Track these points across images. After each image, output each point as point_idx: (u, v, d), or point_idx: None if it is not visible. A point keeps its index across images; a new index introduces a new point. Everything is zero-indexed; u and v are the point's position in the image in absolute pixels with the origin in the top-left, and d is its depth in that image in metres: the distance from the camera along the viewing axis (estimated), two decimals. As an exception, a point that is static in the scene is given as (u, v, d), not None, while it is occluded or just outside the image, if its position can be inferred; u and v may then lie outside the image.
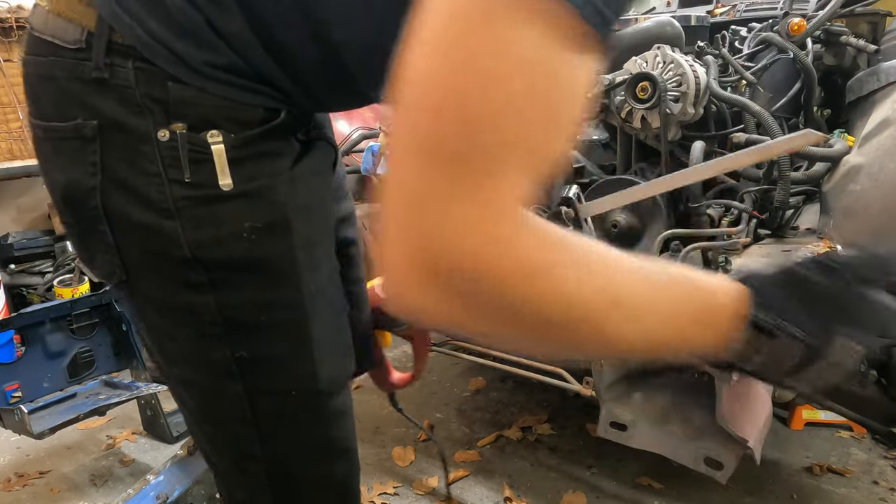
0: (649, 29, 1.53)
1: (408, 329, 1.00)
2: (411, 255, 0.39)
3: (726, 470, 0.80)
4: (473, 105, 0.38)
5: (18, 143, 3.15)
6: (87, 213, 0.60)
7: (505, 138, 0.38)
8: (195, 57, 0.55)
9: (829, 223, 1.29)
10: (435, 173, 0.39)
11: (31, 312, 1.99)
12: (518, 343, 0.48)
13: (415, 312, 0.42)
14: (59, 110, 0.58)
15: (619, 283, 0.43)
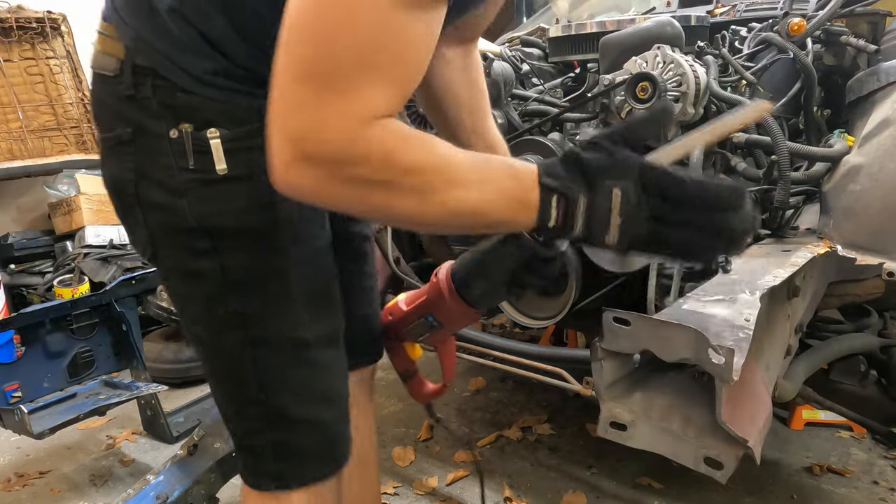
0: (649, 29, 1.53)
1: (431, 338, 1.00)
2: (291, 147, 0.58)
3: (726, 470, 0.80)
4: (332, 38, 0.56)
5: (18, 143, 3.15)
6: (127, 200, 0.78)
7: (355, 62, 0.56)
8: (196, 67, 0.72)
9: (829, 223, 1.29)
10: (305, 88, 0.57)
11: (31, 312, 1.99)
12: (377, 209, 0.63)
13: (294, 188, 0.60)
14: (108, 124, 0.77)
15: (451, 160, 0.63)
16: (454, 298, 0.90)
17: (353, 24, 0.56)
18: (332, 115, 0.57)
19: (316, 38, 0.57)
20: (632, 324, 0.76)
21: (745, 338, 0.78)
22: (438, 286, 0.91)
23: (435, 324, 0.95)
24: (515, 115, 1.73)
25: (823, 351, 1.52)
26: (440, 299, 0.91)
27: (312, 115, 0.57)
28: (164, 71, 0.72)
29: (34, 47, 3.19)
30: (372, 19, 0.56)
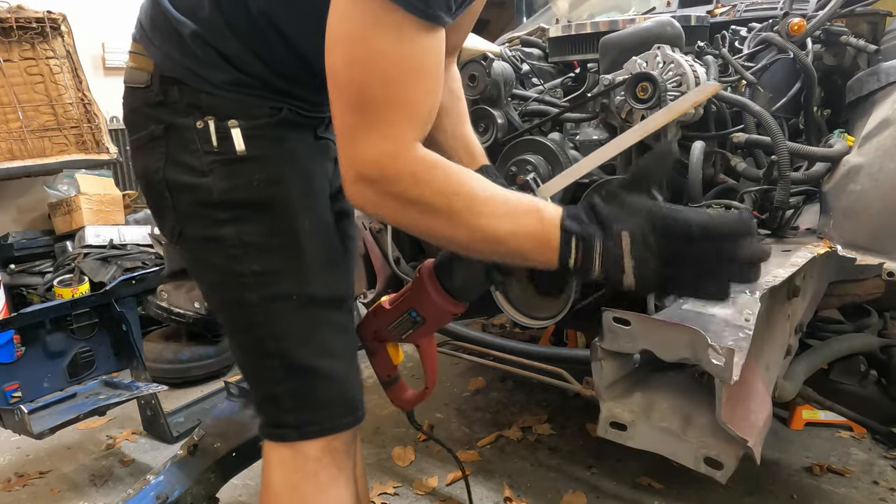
0: (649, 29, 1.53)
1: (414, 335, 1.00)
2: (350, 168, 0.73)
3: (726, 470, 0.80)
4: (361, 81, 0.70)
5: (18, 143, 3.15)
6: (157, 186, 0.91)
7: (391, 99, 0.70)
8: (215, 78, 0.87)
9: (829, 223, 1.29)
10: (352, 119, 0.72)
11: (31, 312, 1.99)
12: (418, 224, 0.76)
13: (357, 202, 0.75)
14: (140, 125, 0.91)
15: (478, 191, 0.74)
16: (436, 290, 0.92)
17: (378, 69, 0.69)
18: (372, 142, 0.71)
19: (351, 80, 0.71)
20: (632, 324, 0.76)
21: (745, 338, 0.78)
22: (421, 279, 0.93)
23: (418, 319, 0.96)
24: (515, 115, 1.73)
25: (823, 351, 1.52)
26: (423, 292, 0.93)
27: (359, 143, 0.72)
28: (189, 80, 0.87)
29: (34, 47, 3.19)
30: (391, 62, 0.70)
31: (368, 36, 0.69)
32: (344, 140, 0.73)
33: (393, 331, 1.00)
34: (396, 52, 0.69)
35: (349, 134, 0.72)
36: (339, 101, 0.73)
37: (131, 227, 3.42)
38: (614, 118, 1.52)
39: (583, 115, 1.67)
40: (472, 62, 1.66)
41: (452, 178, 0.75)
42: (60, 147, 3.29)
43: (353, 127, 0.72)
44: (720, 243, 0.70)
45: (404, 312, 0.97)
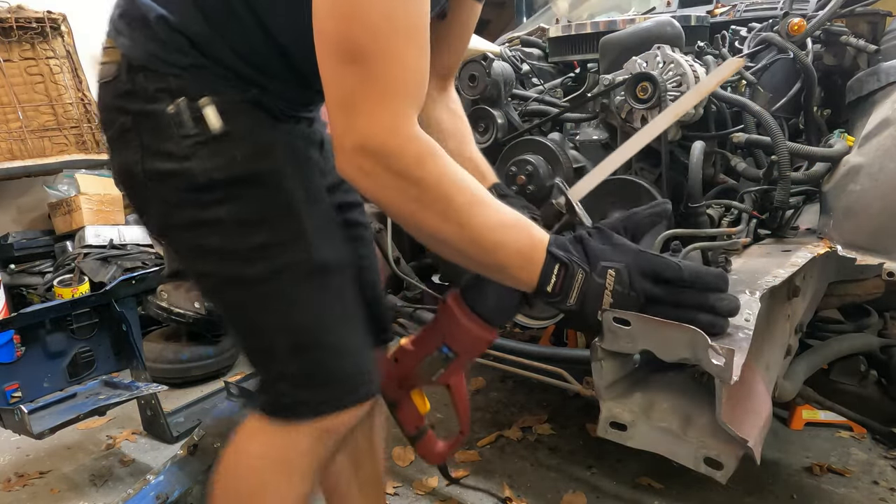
0: (649, 29, 1.53)
1: (446, 374, 0.91)
2: (349, 139, 0.69)
3: (726, 470, 0.80)
4: (358, 34, 0.67)
5: (18, 143, 3.15)
6: (138, 180, 0.86)
7: (384, 53, 0.67)
8: (182, 62, 0.82)
9: (829, 223, 1.29)
10: (351, 78, 0.68)
11: (31, 312, 1.99)
12: (408, 209, 0.73)
13: (350, 175, 0.71)
14: (111, 120, 0.87)
15: (481, 194, 0.73)
16: (469, 317, 0.85)
17: (369, 22, 0.66)
18: (373, 111, 0.68)
19: (341, 34, 0.68)
20: (632, 324, 0.76)
21: (745, 338, 0.78)
22: (449, 309, 0.86)
23: (450, 354, 0.88)
24: (515, 115, 1.73)
25: (823, 351, 1.52)
26: (453, 323, 0.86)
27: (359, 110, 0.68)
28: (155, 65, 0.82)
29: (34, 47, 3.19)
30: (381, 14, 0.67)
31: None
32: (339, 108, 0.70)
33: (421, 374, 0.92)
34: (386, 5, 0.66)
35: (346, 100, 0.69)
36: (331, 62, 0.69)
37: (131, 227, 3.42)
38: (614, 118, 1.52)
39: (583, 115, 1.67)
40: (472, 62, 1.66)
41: (456, 170, 0.73)
42: (60, 147, 3.29)
43: (350, 92, 0.68)
44: (704, 293, 0.76)
45: (434, 350, 0.89)
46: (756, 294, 0.92)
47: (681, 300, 0.76)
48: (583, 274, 0.75)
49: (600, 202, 1.51)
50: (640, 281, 0.75)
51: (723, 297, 0.76)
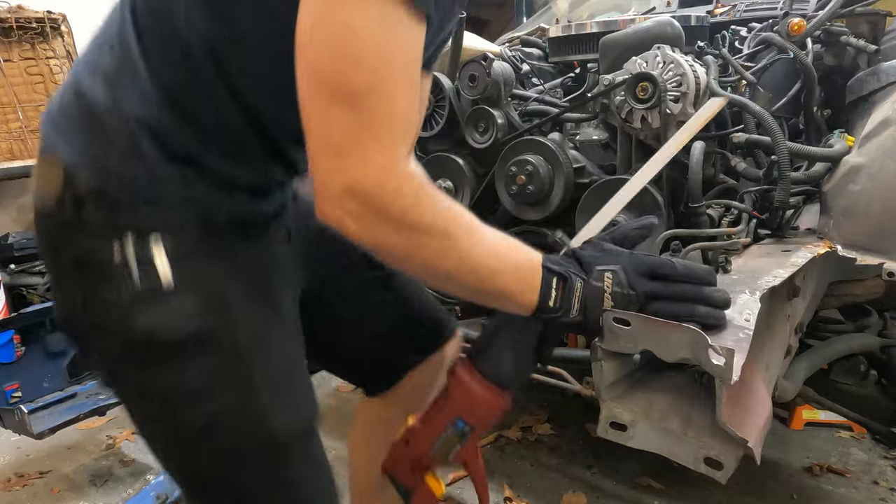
0: (649, 29, 1.53)
1: (462, 451, 0.85)
2: (337, 181, 0.63)
3: (726, 470, 0.80)
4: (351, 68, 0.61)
5: (18, 143, 3.15)
6: (80, 329, 0.77)
7: (378, 90, 0.62)
8: (135, 171, 0.70)
9: (829, 223, 1.29)
10: (341, 113, 0.61)
11: (31, 312, 1.99)
12: (405, 249, 0.67)
13: (339, 221, 0.64)
14: (52, 260, 0.78)
15: (474, 222, 0.71)
16: (483, 385, 0.80)
17: (362, 56, 0.61)
18: (367, 150, 0.62)
19: (333, 68, 0.62)
20: (632, 324, 0.76)
21: (745, 338, 0.78)
22: (459, 380, 0.81)
23: (466, 428, 0.82)
24: (515, 115, 1.73)
25: (823, 351, 1.52)
26: (466, 393, 0.81)
27: (350, 150, 0.62)
28: (102, 180, 0.70)
29: (34, 47, 3.19)
30: (375, 50, 0.61)
31: (349, 19, 0.60)
32: (327, 150, 0.63)
33: (436, 455, 0.85)
34: (381, 39, 0.61)
35: (335, 141, 0.62)
36: (319, 102, 0.62)
37: (131, 227, 3.42)
38: (614, 118, 1.53)
39: (583, 115, 1.67)
40: (472, 62, 1.66)
41: (449, 203, 0.69)
42: (60, 147, 3.29)
43: (340, 132, 0.62)
44: (699, 286, 0.78)
45: (448, 427, 0.83)
46: (756, 294, 0.92)
47: (679, 293, 0.77)
48: (581, 282, 0.75)
49: (602, 202, 1.51)
50: (637, 279, 0.76)
51: (716, 290, 0.78)
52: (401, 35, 0.62)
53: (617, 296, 0.76)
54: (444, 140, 1.83)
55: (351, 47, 0.61)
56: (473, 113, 1.71)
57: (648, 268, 0.77)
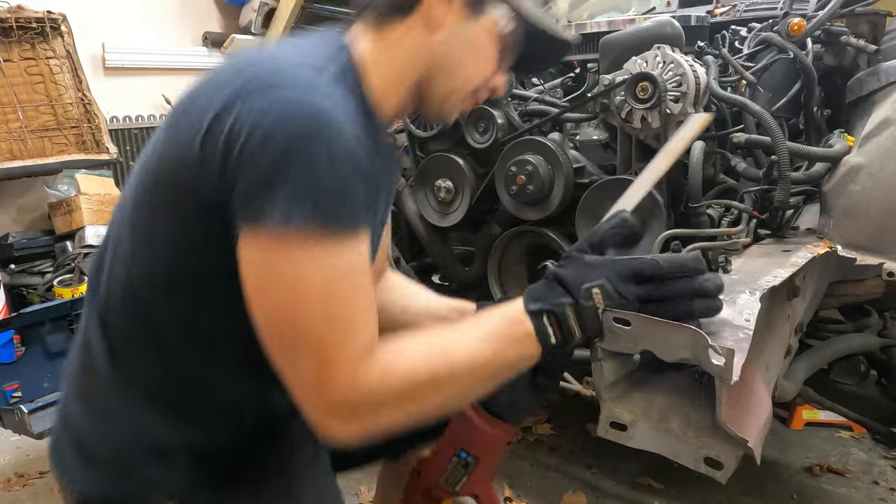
0: (649, 29, 1.53)
1: (470, 482, 0.88)
2: (320, 405, 0.67)
3: (726, 470, 0.80)
4: (303, 319, 0.65)
5: (18, 143, 3.14)
6: None
7: (338, 328, 0.65)
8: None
9: (829, 223, 1.29)
10: (305, 360, 0.66)
11: (31, 312, 1.99)
12: (415, 411, 0.70)
13: (341, 439, 0.68)
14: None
15: (440, 335, 0.73)
16: (481, 416, 0.83)
17: (311, 305, 0.65)
18: (336, 375, 0.66)
19: (284, 324, 0.66)
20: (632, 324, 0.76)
21: (745, 338, 0.78)
22: (462, 413, 0.85)
23: (469, 459, 0.86)
24: (515, 115, 1.73)
25: (823, 351, 1.52)
26: (467, 425, 0.84)
27: (322, 383, 0.66)
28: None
29: (34, 47, 3.19)
30: (320, 294, 0.65)
31: (286, 273, 0.64)
32: (305, 390, 0.67)
33: (445, 484, 0.88)
34: (322, 278, 0.65)
35: (308, 382, 0.66)
36: (279, 350, 0.67)
37: (131, 227, 3.41)
38: (614, 118, 1.53)
39: (583, 115, 1.67)
40: (472, 62, 1.66)
41: (414, 340, 0.72)
42: (60, 147, 3.29)
43: (310, 373, 0.66)
44: (689, 279, 0.75)
45: (452, 457, 0.86)
46: (756, 294, 0.92)
47: (670, 293, 0.75)
48: (571, 307, 0.74)
49: (602, 203, 1.52)
50: (625, 287, 0.75)
51: (707, 278, 0.76)
52: (339, 263, 0.65)
53: (612, 307, 0.75)
54: (444, 140, 1.83)
55: (295, 300, 0.64)
56: (473, 113, 1.71)
57: (634, 272, 0.75)
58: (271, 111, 0.63)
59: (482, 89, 0.87)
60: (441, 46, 0.80)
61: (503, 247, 1.77)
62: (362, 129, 0.72)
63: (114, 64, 3.82)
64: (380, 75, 0.80)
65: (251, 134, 0.63)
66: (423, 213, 1.88)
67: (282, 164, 0.62)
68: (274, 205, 0.63)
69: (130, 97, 3.87)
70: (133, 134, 3.86)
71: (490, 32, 0.81)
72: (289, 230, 0.63)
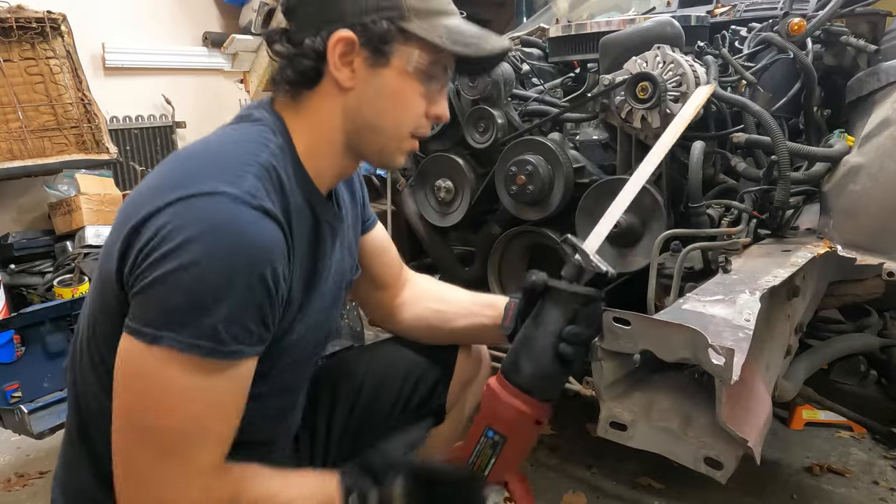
0: (649, 29, 1.53)
1: (499, 463, 0.89)
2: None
3: (726, 470, 0.80)
4: (156, 420, 0.70)
5: (18, 143, 3.14)
6: None
7: (183, 434, 0.71)
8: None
9: (829, 223, 1.29)
10: (148, 469, 0.71)
11: (31, 312, 1.98)
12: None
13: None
14: None
15: (282, 491, 0.79)
16: (507, 389, 0.83)
17: (168, 413, 0.70)
18: (177, 481, 0.71)
19: (145, 430, 0.71)
20: (632, 324, 0.76)
21: (745, 338, 0.78)
22: (488, 388, 0.86)
23: (497, 438, 0.85)
24: (515, 115, 1.73)
25: (823, 351, 1.52)
26: (493, 399, 0.84)
27: (167, 488, 0.71)
28: None
29: (34, 47, 3.19)
30: (186, 415, 0.70)
31: (145, 379, 0.70)
32: (130, 478, 0.73)
33: (476, 466, 0.88)
34: (186, 407, 0.70)
35: (148, 481, 0.72)
36: (125, 445, 0.73)
37: (131, 227, 3.41)
38: (614, 118, 1.52)
39: (583, 115, 1.67)
40: (472, 62, 1.66)
41: (265, 485, 0.78)
42: (60, 147, 3.29)
43: (142, 464, 0.72)
44: (461, 489, 0.86)
45: (480, 436, 0.86)
46: (756, 294, 0.92)
47: (449, 499, 0.85)
48: (376, 493, 0.82)
49: (602, 202, 1.51)
50: (418, 489, 0.82)
51: (475, 490, 0.88)
52: (215, 388, 0.71)
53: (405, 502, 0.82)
54: (444, 140, 1.83)
55: (150, 406, 0.70)
56: (473, 113, 1.71)
57: (425, 477, 0.83)
58: (178, 233, 0.68)
59: (421, 126, 0.89)
60: (357, 105, 0.83)
61: (503, 247, 1.77)
62: (298, 211, 0.79)
63: (114, 64, 3.82)
64: (306, 144, 0.84)
65: (154, 249, 0.68)
66: (423, 213, 1.88)
67: (170, 287, 0.67)
68: (149, 323, 0.68)
69: (130, 97, 3.87)
70: (133, 134, 3.86)
71: (404, 75, 0.83)
72: (157, 350, 0.68)
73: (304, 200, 0.83)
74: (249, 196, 0.71)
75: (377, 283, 1.15)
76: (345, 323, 2.37)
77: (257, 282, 0.70)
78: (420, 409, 1.15)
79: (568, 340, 0.82)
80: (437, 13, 0.83)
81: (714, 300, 0.94)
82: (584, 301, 0.81)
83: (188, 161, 0.77)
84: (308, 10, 0.82)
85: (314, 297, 0.88)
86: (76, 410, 0.87)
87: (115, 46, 3.82)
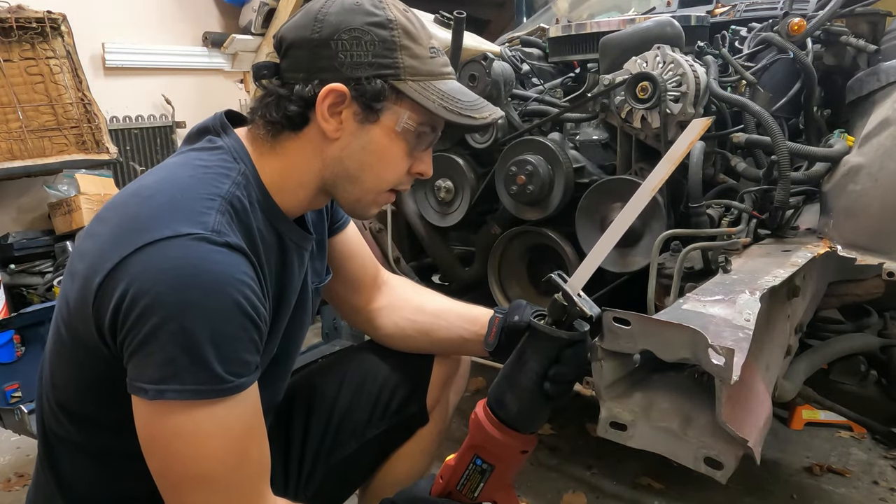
0: (649, 29, 1.53)
1: (487, 489, 0.89)
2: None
3: (726, 470, 0.80)
4: (197, 469, 0.72)
5: (18, 143, 3.14)
6: None
7: (244, 475, 0.75)
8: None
9: (829, 223, 1.29)
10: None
11: (31, 312, 1.98)
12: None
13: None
14: None
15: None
16: (494, 424, 0.84)
17: (206, 458, 0.72)
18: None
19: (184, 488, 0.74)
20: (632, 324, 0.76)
21: (745, 338, 0.78)
22: (475, 417, 0.86)
23: (485, 466, 0.87)
24: (515, 115, 1.73)
25: (823, 351, 1.52)
26: (480, 432, 0.85)
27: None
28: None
29: (34, 47, 3.19)
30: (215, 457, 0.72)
31: (165, 434, 0.71)
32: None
33: (463, 490, 0.89)
34: (211, 445, 0.71)
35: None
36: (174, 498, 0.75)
37: (131, 227, 3.41)
38: (614, 118, 1.52)
39: (583, 115, 1.67)
40: (472, 62, 1.66)
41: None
42: (60, 147, 3.29)
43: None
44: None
45: (469, 463, 0.88)
46: (756, 294, 0.92)
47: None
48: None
49: (602, 202, 1.52)
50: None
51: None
52: (231, 422, 0.72)
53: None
54: (444, 140, 1.83)
55: (186, 452, 0.71)
56: (473, 113, 1.71)
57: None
58: (150, 286, 0.68)
59: (403, 183, 0.89)
60: (339, 155, 0.83)
61: (503, 247, 1.77)
62: (264, 237, 0.80)
63: (114, 64, 3.82)
64: (275, 180, 0.84)
65: (131, 309, 0.68)
66: (423, 213, 1.88)
67: (159, 342, 0.68)
68: (150, 380, 0.69)
69: (130, 97, 3.87)
70: (133, 134, 3.86)
71: (392, 134, 0.83)
72: (165, 404, 0.69)
73: (270, 226, 0.84)
74: (214, 234, 0.71)
75: (351, 286, 1.13)
76: (344, 323, 2.36)
77: (239, 315, 0.71)
78: (399, 412, 1.13)
79: (553, 380, 0.82)
80: (432, 76, 0.83)
81: (714, 300, 0.94)
82: (567, 344, 0.81)
83: (148, 201, 0.75)
84: (301, 54, 0.80)
85: (283, 313, 0.89)
86: (42, 433, 0.87)
87: (115, 46, 3.82)
